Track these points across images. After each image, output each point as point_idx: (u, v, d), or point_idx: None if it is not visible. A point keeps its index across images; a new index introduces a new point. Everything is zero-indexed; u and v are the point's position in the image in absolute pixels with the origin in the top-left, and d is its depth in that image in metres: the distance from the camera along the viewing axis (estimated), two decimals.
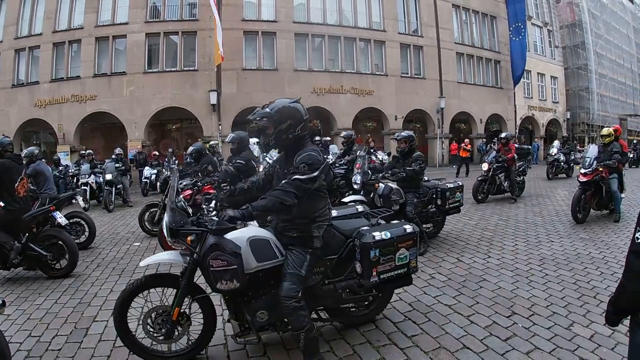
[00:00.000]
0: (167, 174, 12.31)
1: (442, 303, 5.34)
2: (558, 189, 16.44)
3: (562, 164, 20.76)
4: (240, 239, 3.64)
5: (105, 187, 14.52)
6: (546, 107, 40.55)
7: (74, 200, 10.14)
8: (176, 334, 3.90)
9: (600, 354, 4.00)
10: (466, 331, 4.54)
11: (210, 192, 8.31)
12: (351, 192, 8.33)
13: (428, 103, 31.48)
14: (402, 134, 8.43)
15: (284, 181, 3.56)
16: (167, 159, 20.41)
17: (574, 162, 20.67)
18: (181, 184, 9.27)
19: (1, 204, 6.50)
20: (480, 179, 13.78)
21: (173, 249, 7.45)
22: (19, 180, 6.63)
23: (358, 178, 8.29)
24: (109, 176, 14.52)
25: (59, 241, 6.90)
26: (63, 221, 7.41)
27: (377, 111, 30.11)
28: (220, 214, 3.54)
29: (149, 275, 3.99)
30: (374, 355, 4.10)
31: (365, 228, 4.16)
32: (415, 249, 4.25)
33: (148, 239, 9.44)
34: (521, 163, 15.21)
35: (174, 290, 3.84)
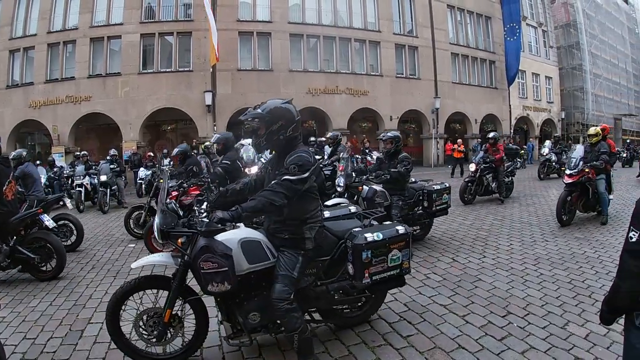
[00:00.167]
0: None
1: (438, 303, 5.35)
2: (551, 188, 16.44)
3: (554, 163, 20.66)
4: (231, 240, 3.64)
5: (100, 189, 14.49)
6: (541, 107, 40.62)
7: (61, 203, 10.10)
8: (168, 336, 3.89)
9: (596, 353, 4.03)
10: (461, 331, 4.55)
11: (197, 194, 8.30)
12: (336, 195, 8.24)
13: (423, 103, 31.50)
14: (388, 134, 8.32)
15: (274, 182, 3.56)
16: (160, 160, 20.36)
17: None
18: None
19: None
20: (467, 180, 13.55)
21: (159, 251, 7.45)
22: (7, 183, 6.60)
23: (341, 180, 8.18)
24: (103, 177, 14.50)
25: (46, 244, 6.88)
26: (50, 224, 7.44)
27: (372, 112, 30.09)
28: (210, 216, 3.53)
29: (141, 277, 3.98)
30: (370, 356, 4.11)
31: (357, 229, 4.17)
32: (408, 250, 4.25)
33: (142, 241, 9.39)
34: (510, 163, 15.12)
35: (167, 293, 3.82)
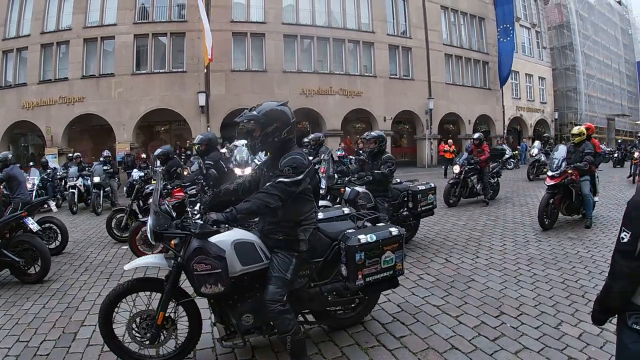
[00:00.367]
0: (135, 178, 12.18)
1: (431, 304, 5.36)
2: (542, 189, 16.44)
3: (544, 164, 20.56)
4: (224, 242, 3.62)
5: (93, 190, 14.45)
6: (534, 108, 40.80)
7: (46, 206, 10.04)
8: (161, 339, 3.87)
9: (589, 352, 4.04)
10: (455, 332, 4.56)
11: (181, 195, 8.29)
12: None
13: (417, 104, 31.55)
14: (372, 133, 8.13)
15: (268, 184, 3.56)
16: (152, 161, 20.32)
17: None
18: (148, 188, 9.20)
19: None
20: (451, 181, 13.23)
21: (145, 253, 7.42)
22: None
23: (323, 183, 7.82)
24: (96, 179, 14.45)
25: (31, 247, 6.85)
26: (35, 227, 7.37)
27: (366, 112, 30.10)
28: (204, 218, 3.52)
29: (134, 279, 3.96)
30: (363, 357, 4.12)
31: (350, 231, 4.16)
32: (401, 252, 4.24)
33: None
34: (495, 164, 14.89)
35: (160, 295, 3.81)
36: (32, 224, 7.38)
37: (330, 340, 4.44)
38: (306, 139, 11.88)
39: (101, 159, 16.81)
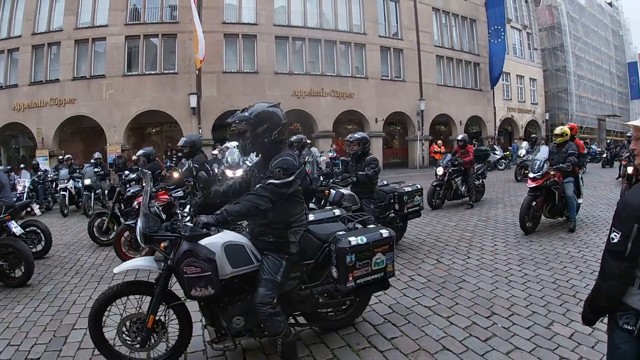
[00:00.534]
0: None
1: (422, 305, 5.36)
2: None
3: None
4: (214, 244, 3.60)
5: (84, 193, 14.34)
6: (525, 109, 40.99)
7: (29, 209, 9.96)
8: (152, 342, 3.84)
9: (581, 352, 4.06)
10: (446, 332, 4.57)
11: (166, 198, 8.25)
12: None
13: (408, 105, 31.63)
14: (355, 135, 8.04)
15: (259, 185, 3.56)
16: (142, 163, 20.21)
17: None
18: (129, 191, 9.13)
19: None
20: (435, 183, 12.86)
21: (130, 257, 7.38)
22: None
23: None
24: (87, 181, 14.37)
25: (14, 250, 6.77)
26: (18, 231, 7.30)
27: (358, 114, 30.14)
28: (194, 220, 3.51)
29: (124, 283, 3.94)
30: (354, 359, 4.13)
31: (341, 233, 4.15)
32: (392, 254, 4.23)
33: None
34: (480, 166, 14.70)
35: (150, 298, 3.79)
36: (16, 227, 7.30)
37: (321, 342, 4.44)
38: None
39: (92, 161, 16.71)
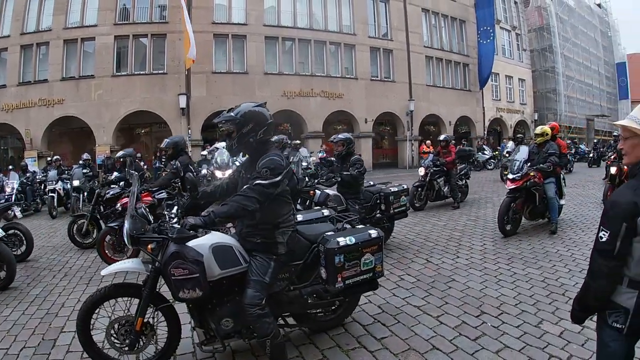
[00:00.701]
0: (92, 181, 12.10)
1: (411, 304, 5.38)
2: None
3: None
4: (202, 246, 3.58)
5: (73, 194, 14.25)
6: (514, 109, 41.21)
7: (10, 212, 9.87)
8: (141, 344, 3.81)
9: (570, 350, 4.09)
10: (435, 332, 4.59)
11: (149, 200, 8.17)
12: None
13: (398, 106, 31.72)
14: (339, 136, 8.07)
15: (246, 186, 3.55)
16: (129, 164, 20.06)
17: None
18: (109, 193, 9.06)
19: None
20: (416, 184, 12.60)
21: (114, 260, 7.33)
22: None
23: None
24: (76, 182, 14.25)
25: None
26: None
27: (347, 114, 30.16)
28: (182, 222, 3.50)
29: (111, 285, 3.92)
30: (344, 359, 4.13)
31: (330, 233, 4.15)
32: (381, 254, 4.24)
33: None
34: (463, 166, 14.51)
35: (139, 300, 3.77)
36: None
37: (311, 342, 4.44)
38: (291, 142, 11.59)
39: (81, 162, 16.53)
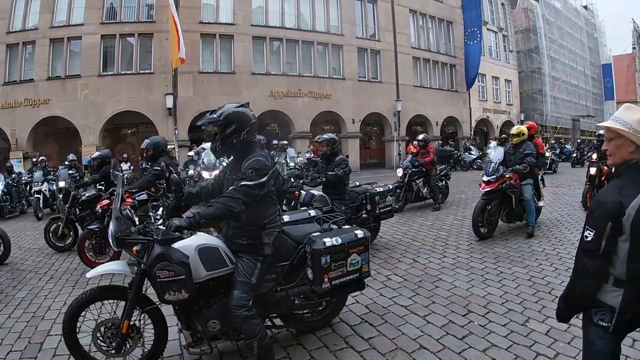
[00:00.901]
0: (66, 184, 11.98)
1: (399, 304, 5.40)
2: None
3: None
4: (188, 247, 3.57)
5: (59, 195, 14.08)
6: (500, 110, 41.51)
7: None
8: (127, 347, 3.78)
9: (557, 348, 4.12)
10: (423, 331, 4.61)
11: (129, 201, 8.06)
12: None
13: (385, 106, 31.81)
14: (324, 136, 8.08)
15: (231, 187, 3.54)
16: (114, 164, 19.92)
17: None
18: (84, 195, 8.97)
19: None
20: (395, 185, 11.36)
21: (95, 263, 7.28)
22: None
23: None
24: (62, 183, 14.07)
25: None
26: None
27: (335, 114, 30.16)
28: (167, 224, 3.49)
29: (97, 288, 3.88)
30: None
31: (316, 234, 4.15)
32: (367, 254, 4.26)
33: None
34: (443, 167, 14.33)
35: (125, 303, 3.74)
36: None
37: (298, 343, 4.44)
38: (279, 142, 11.54)
39: (66, 162, 16.39)
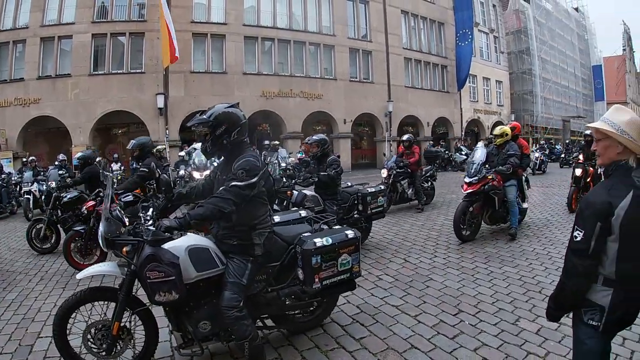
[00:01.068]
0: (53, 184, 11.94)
1: (390, 304, 5.42)
2: None
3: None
4: (178, 248, 3.57)
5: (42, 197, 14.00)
6: (491, 110, 41.67)
7: None
8: (118, 349, 3.77)
9: (548, 347, 4.15)
10: (414, 331, 4.63)
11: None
12: None
13: (376, 107, 31.83)
14: (314, 137, 8.14)
15: (222, 188, 3.54)
16: (104, 165, 19.81)
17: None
18: (66, 196, 8.88)
19: None
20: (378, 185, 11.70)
21: (82, 265, 7.23)
22: None
23: None
24: (52, 184, 14.04)
25: None
26: None
27: (326, 115, 30.13)
28: (156, 224, 3.48)
29: (87, 289, 3.84)
30: None
31: (306, 234, 4.17)
32: (358, 254, 4.27)
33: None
34: (429, 167, 14.36)
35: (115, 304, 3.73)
36: None
37: (290, 344, 4.44)
38: (270, 142, 11.52)
39: (56, 163, 16.30)
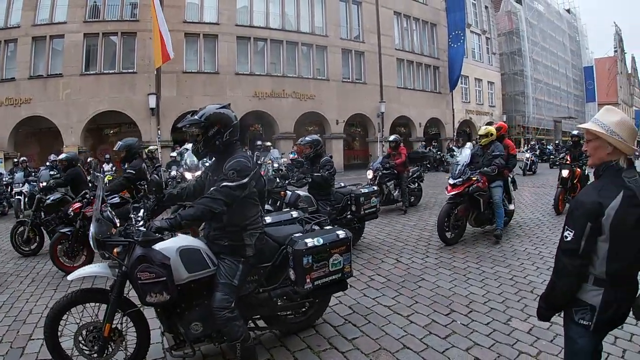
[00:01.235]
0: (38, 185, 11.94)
1: (382, 304, 5.43)
2: None
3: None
4: (169, 249, 3.55)
5: (24, 199, 13.86)
6: (483, 111, 41.89)
7: None
8: (110, 351, 3.75)
9: (539, 346, 4.17)
10: (406, 331, 4.63)
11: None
12: None
13: (369, 107, 31.87)
14: (306, 138, 8.12)
15: (213, 188, 3.53)
16: (94, 165, 19.70)
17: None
18: (49, 199, 8.83)
19: None
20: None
21: (70, 267, 7.20)
22: None
23: None
24: (43, 184, 13.97)
25: None
26: None
27: (319, 115, 30.14)
28: (147, 225, 3.47)
29: (78, 290, 3.82)
30: None
31: (298, 235, 4.17)
32: (349, 254, 4.28)
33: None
34: (416, 168, 13.90)
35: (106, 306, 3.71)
36: None
37: (282, 345, 4.44)
38: (263, 142, 11.52)
39: (48, 163, 16.25)
